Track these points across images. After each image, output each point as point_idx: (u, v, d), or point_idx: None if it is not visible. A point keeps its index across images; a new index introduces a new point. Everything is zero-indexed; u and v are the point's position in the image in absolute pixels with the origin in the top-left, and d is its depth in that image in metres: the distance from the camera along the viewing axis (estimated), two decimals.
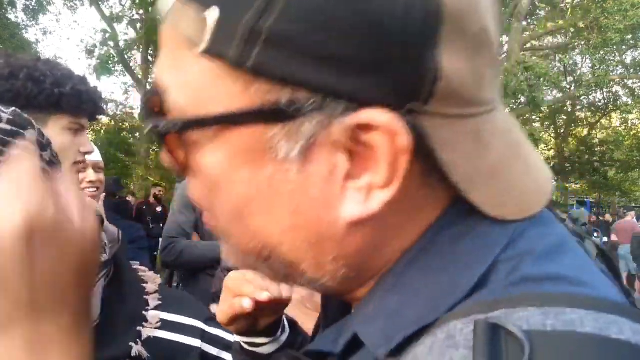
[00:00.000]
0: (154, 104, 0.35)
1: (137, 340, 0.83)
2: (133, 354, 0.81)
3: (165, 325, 0.87)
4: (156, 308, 0.87)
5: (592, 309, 0.28)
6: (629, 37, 13.69)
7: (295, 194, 0.33)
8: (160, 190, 8.53)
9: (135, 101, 17.00)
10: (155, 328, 0.85)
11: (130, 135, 14.94)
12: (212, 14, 0.30)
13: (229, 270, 1.93)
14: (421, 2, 0.29)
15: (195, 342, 0.88)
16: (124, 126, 15.48)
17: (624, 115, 17.54)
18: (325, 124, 0.31)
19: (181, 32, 0.33)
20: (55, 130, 1.37)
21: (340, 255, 0.35)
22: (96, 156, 1.97)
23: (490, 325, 0.28)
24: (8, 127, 0.60)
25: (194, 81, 0.33)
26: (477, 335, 0.28)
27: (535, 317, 0.28)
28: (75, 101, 1.37)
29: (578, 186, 21.03)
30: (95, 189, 1.93)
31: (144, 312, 0.85)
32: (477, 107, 0.34)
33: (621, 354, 0.26)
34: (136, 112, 15.64)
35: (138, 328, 0.82)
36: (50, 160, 0.64)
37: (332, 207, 0.33)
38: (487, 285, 0.32)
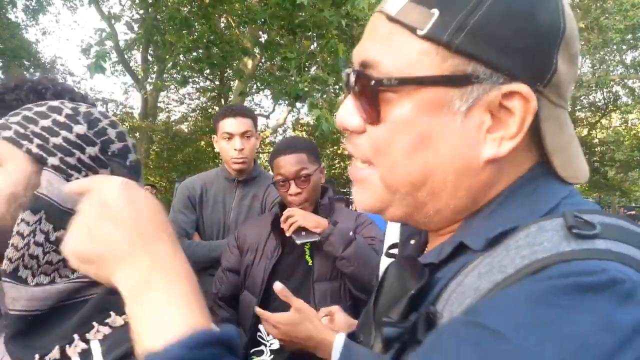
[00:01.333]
0: (364, 71, 0.51)
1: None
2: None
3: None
4: None
5: (632, 223, 0.47)
6: (629, 37, 13.69)
7: (455, 137, 0.50)
8: (147, 189, 8.50)
9: (135, 101, 17.01)
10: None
11: (130, 135, 14.91)
12: (436, 11, 0.48)
13: (229, 270, 1.94)
14: (558, 21, 0.49)
15: None
16: (123, 126, 15.45)
17: (624, 115, 17.53)
18: (487, 89, 0.48)
19: (407, 22, 0.49)
20: None
21: (472, 185, 0.51)
22: None
23: (574, 214, 0.45)
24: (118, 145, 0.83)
25: (407, 55, 0.49)
26: (566, 216, 0.45)
27: (599, 217, 0.46)
28: None
29: (578, 186, 21.03)
30: None
31: None
32: (563, 101, 0.52)
33: None
34: (136, 112, 15.65)
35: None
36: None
37: (477, 148, 0.50)
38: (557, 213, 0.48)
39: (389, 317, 0.49)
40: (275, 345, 1.66)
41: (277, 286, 1.31)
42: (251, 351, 1.69)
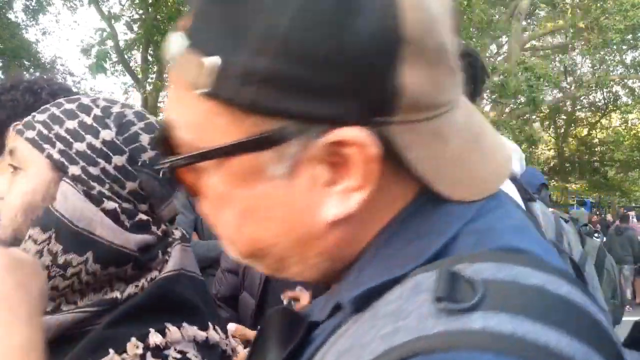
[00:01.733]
0: (164, 142, 0.42)
1: None
2: None
3: None
4: None
5: (538, 268, 0.34)
6: (629, 37, 13.70)
7: (284, 205, 0.39)
8: None
9: (135, 101, 17.02)
10: None
11: None
12: (210, 60, 0.36)
13: (229, 271, 1.95)
14: (382, 32, 0.35)
15: None
16: None
17: (624, 115, 17.53)
18: (306, 145, 0.36)
19: (187, 78, 0.38)
20: None
21: (322, 250, 0.41)
22: None
23: (450, 272, 0.33)
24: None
25: (196, 119, 0.39)
26: (438, 278, 0.33)
27: (489, 270, 0.33)
28: None
29: (578, 186, 21.04)
30: None
31: None
32: (437, 109, 0.38)
33: (554, 302, 0.32)
34: None
35: None
36: None
37: (316, 211, 0.39)
38: (451, 253, 0.37)
39: None
40: None
41: (231, 327, 1.37)
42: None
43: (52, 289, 0.65)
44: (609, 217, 15.26)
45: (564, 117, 19.79)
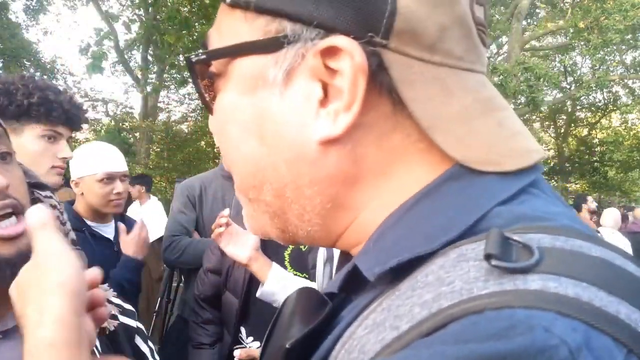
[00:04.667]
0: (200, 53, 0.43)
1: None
2: (103, 325, 0.84)
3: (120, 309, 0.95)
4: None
5: (599, 244, 0.31)
6: (629, 37, 13.69)
7: (278, 117, 0.39)
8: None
9: (135, 101, 16.99)
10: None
11: (130, 135, 14.94)
12: None
13: (211, 271, 1.98)
14: None
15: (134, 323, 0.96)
16: (124, 126, 15.48)
17: (624, 115, 17.53)
18: (302, 51, 0.37)
19: None
20: (30, 138, 1.49)
21: (314, 178, 0.39)
22: (122, 166, 2.01)
23: (502, 234, 0.30)
24: None
25: (223, 27, 0.42)
26: (489, 239, 0.30)
27: (546, 238, 0.31)
28: (44, 109, 1.48)
29: (578, 186, 21.04)
30: (121, 200, 1.98)
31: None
32: (441, 56, 0.37)
33: (623, 276, 0.29)
34: (136, 112, 15.64)
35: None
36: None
37: (306, 128, 0.38)
38: (485, 229, 0.33)
39: None
40: (254, 346, 1.69)
41: (237, 353, 1.38)
42: (234, 351, 1.73)
43: None
44: None
45: (564, 117, 19.78)
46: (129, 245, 1.93)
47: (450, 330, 0.28)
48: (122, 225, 1.97)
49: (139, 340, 0.94)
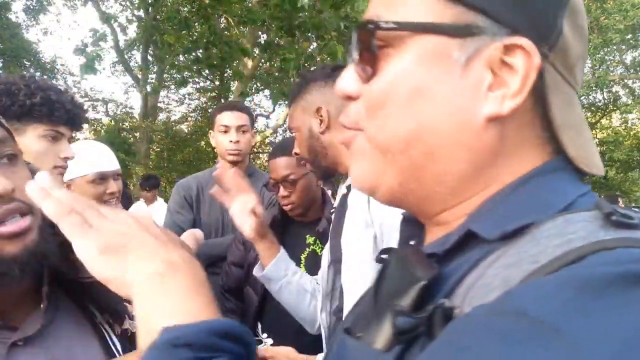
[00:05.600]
0: (361, 27, 0.50)
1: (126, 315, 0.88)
2: (125, 327, 0.86)
3: None
4: None
5: None
6: (629, 37, 13.68)
7: (454, 89, 0.46)
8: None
9: (135, 101, 16.99)
10: None
11: (130, 135, 14.94)
12: None
13: (234, 264, 1.99)
14: None
15: None
16: (124, 126, 15.48)
17: (624, 115, 17.52)
18: (488, 42, 0.45)
19: None
20: (32, 138, 1.50)
21: (471, 146, 0.47)
22: (114, 165, 1.97)
23: (607, 203, 0.40)
24: None
25: (409, 6, 0.48)
26: (599, 204, 0.41)
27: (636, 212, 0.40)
28: (46, 109, 1.48)
29: None
30: (115, 199, 1.95)
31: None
32: (572, 78, 0.49)
33: None
34: (136, 112, 15.65)
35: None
36: None
37: (477, 104, 0.46)
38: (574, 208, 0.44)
39: (400, 306, 0.42)
40: (269, 343, 1.71)
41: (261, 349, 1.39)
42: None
43: None
44: None
45: None
46: None
47: (596, 258, 0.35)
48: None
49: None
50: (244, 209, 1.42)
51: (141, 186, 5.87)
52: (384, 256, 0.61)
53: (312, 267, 1.73)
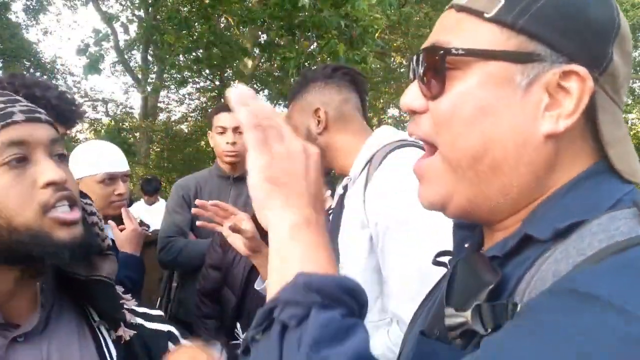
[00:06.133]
0: (429, 49, 0.57)
1: (121, 322, 0.89)
2: (119, 334, 0.87)
3: (142, 315, 0.97)
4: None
5: None
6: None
7: (516, 110, 0.53)
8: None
9: (135, 101, 17.00)
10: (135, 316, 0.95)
11: (130, 135, 14.94)
12: (502, 0, 0.54)
13: (212, 267, 1.99)
14: (614, 16, 0.54)
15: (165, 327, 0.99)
16: (124, 126, 15.48)
17: (624, 115, 17.49)
18: (547, 68, 0.52)
19: (475, 8, 0.55)
20: None
21: (533, 160, 0.53)
22: (124, 166, 1.96)
23: None
24: None
25: (474, 34, 0.55)
26: (637, 202, 0.47)
27: None
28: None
29: None
30: (123, 201, 1.93)
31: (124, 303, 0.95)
32: (618, 98, 0.55)
33: None
34: (136, 112, 15.65)
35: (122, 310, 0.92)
36: None
37: (536, 123, 0.53)
38: (618, 207, 0.49)
39: (479, 301, 0.49)
40: None
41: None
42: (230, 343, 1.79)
43: None
44: None
45: None
46: (126, 243, 1.89)
47: (637, 249, 0.42)
48: (111, 222, 1.91)
49: (172, 347, 0.94)
50: (234, 228, 1.43)
51: (143, 189, 5.88)
52: (440, 259, 0.71)
53: None
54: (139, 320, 0.94)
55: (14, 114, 0.79)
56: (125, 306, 0.93)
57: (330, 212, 1.53)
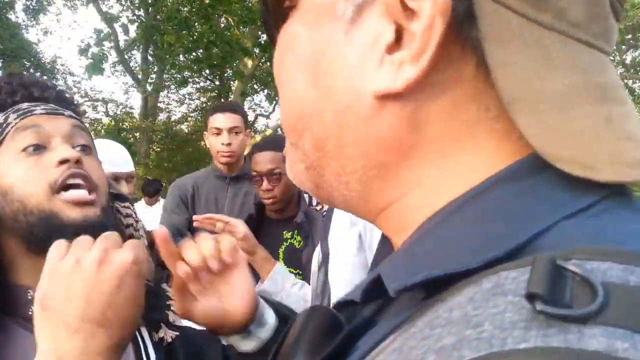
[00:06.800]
0: None
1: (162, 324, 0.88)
2: (160, 335, 0.86)
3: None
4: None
5: None
6: (629, 37, 13.68)
7: (336, 57, 0.32)
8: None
9: (135, 101, 17.02)
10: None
11: (130, 136, 14.95)
12: None
13: None
14: None
15: None
16: (124, 126, 15.49)
17: None
18: None
19: None
20: None
21: (361, 137, 0.32)
22: (128, 166, 1.96)
23: (554, 264, 0.22)
24: None
25: None
26: (535, 269, 0.22)
27: (615, 270, 0.22)
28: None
29: None
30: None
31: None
32: (552, 16, 0.28)
33: None
34: (136, 112, 15.66)
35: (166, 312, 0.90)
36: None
37: (365, 76, 0.31)
38: (541, 247, 0.25)
39: None
40: None
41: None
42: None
43: None
44: None
45: None
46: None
47: None
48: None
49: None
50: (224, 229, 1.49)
51: (144, 191, 5.89)
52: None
53: (291, 260, 1.76)
54: (185, 321, 0.93)
55: (36, 110, 0.82)
56: (172, 308, 0.89)
57: (324, 211, 1.55)
